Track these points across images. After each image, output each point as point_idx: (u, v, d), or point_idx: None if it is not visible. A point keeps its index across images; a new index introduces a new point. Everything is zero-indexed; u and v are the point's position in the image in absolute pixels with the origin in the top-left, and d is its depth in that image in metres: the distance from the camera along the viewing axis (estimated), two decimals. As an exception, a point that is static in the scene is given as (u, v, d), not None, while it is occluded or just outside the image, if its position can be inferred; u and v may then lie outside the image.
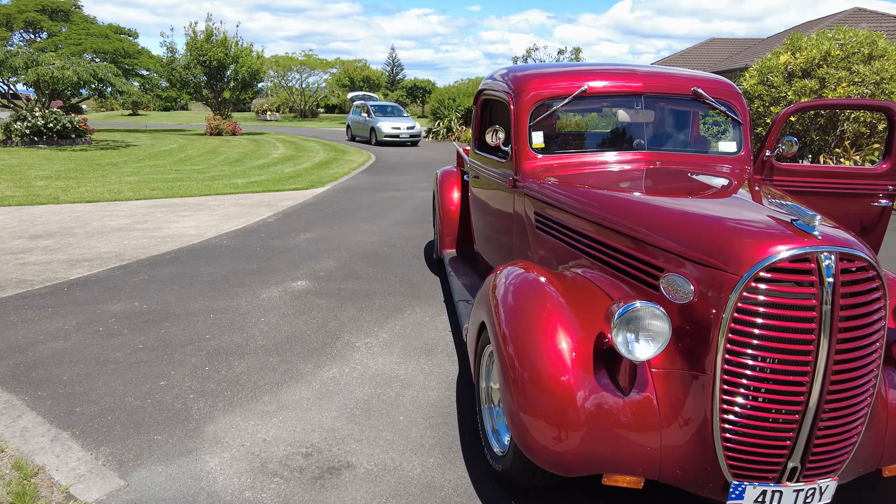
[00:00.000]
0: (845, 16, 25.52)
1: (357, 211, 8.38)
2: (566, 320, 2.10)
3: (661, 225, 2.15)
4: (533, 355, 2.05)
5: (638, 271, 2.22)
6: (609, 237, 2.38)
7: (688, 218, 2.14)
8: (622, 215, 2.32)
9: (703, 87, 3.26)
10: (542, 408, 1.98)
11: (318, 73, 46.41)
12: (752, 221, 1.99)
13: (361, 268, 5.53)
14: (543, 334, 2.08)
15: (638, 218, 2.25)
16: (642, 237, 2.19)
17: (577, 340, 2.03)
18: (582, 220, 2.56)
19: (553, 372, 1.99)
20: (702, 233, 2.01)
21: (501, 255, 3.56)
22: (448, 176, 5.35)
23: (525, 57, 23.20)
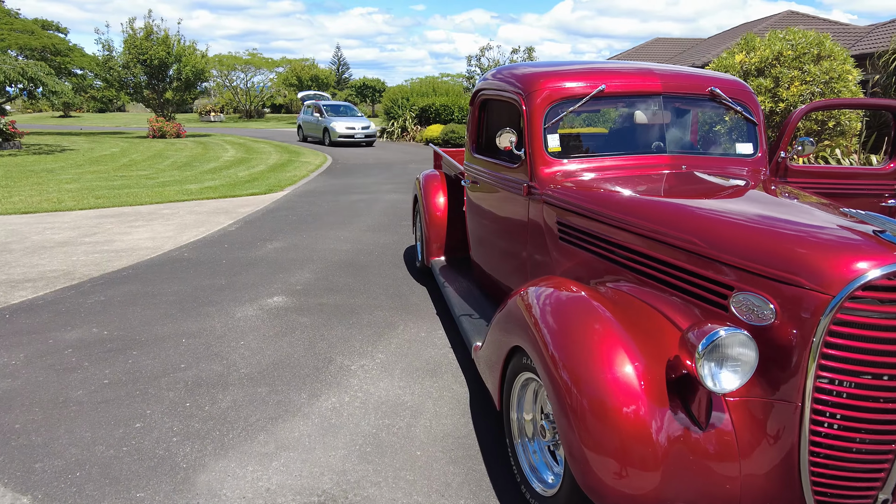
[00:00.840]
0: (779, 18, 26.64)
1: (324, 216, 7.97)
2: (627, 344, 1.88)
3: (729, 238, 1.95)
4: (596, 384, 1.82)
5: (699, 289, 2.01)
6: (661, 251, 2.16)
7: (761, 230, 1.94)
8: (679, 227, 2.11)
9: (719, 86, 3.11)
10: (611, 444, 1.75)
11: (263, 72, 45.13)
12: (835, 233, 1.81)
13: (341, 279, 5.17)
14: (605, 360, 1.85)
15: (699, 230, 2.04)
16: (705, 251, 1.99)
17: (642, 367, 1.82)
18: (624, 231, 2.33)
19: (621, 403, 1.77)
20: (781, 247, 1.81)
21: (509, 266, 3.31)
22: (431, 179, 5.07)
23: (479, 56, 23.14)
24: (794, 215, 2.08)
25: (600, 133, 3.07)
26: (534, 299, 2.31)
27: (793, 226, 1.95)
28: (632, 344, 1.88)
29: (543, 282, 2.50)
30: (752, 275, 1.84)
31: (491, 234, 3.54)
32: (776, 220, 2.03)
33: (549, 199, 2.79)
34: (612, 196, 2.50)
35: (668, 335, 2.00)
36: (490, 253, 3.61)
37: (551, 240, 2.81)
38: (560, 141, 2.96)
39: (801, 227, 1.93)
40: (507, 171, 3.18)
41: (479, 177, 3.61)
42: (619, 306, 2.12)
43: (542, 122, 2.92)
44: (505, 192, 3.22)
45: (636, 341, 1.90)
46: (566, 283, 2.33)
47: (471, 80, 23.91)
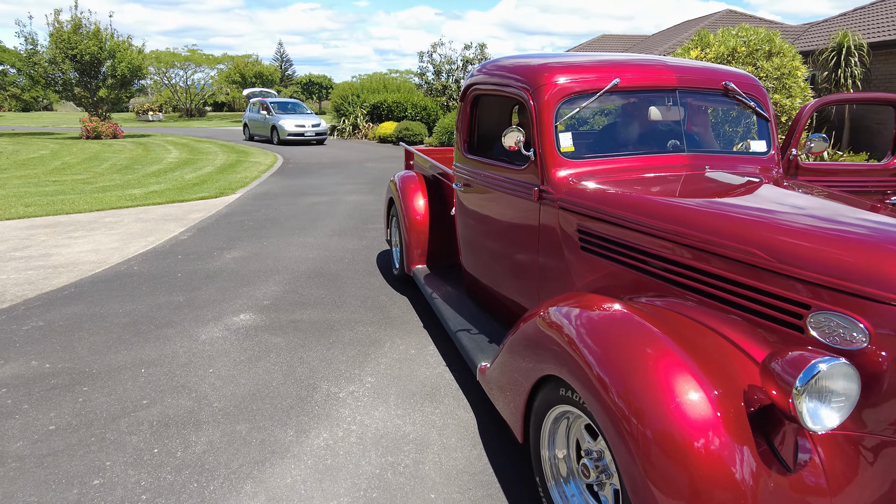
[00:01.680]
0: (719, 17, 27.44)
1: (283, 221, 7.49)
2: (694, 370, 1.64)
3: (801, 249, 1.73)
4: (666, 419, 1.57)
5: (765, 307, 1.78)
6: (714, 264, 1.92)
7: (838, 239, 1.72)
8: (737, 238, 1.87)
9: (732, 80, 2.93)
10: (687, 485, 1.51)
11: (204, 69, 43.26)
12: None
13: (312, 291, 4.77)
14: (674, 389, 1.61)
15: (762, 241, 1.81)
16: (772, 265, 1.76)
17: (715, 396, 1.58)
18: (666, 241, 2.09)
19: (697, 439, 1.53)
20: (867, 258, 1.60)
21: (514, 277, 3.03)
22: (409, 181, 4.73)
23: (430, 52, 22.74)
24: (864, 220, 1.88)
25: (612, 131, 2.83)
26: (568, 321, 2.03)
27: (871, 232, 1.75)
28: (698, 370, 1.64)
29: (571, 299, 2.23)
30: (834, 291, 1.62)
31: (489, 242, 3.25)
32: (847, 227, 1.82)
33: (566, 205, 2.52)
34: (646, 201, 2.24)
35: (732, 359, 1.78)
36: (488, 262, 3.32)
37: (570, 249, 2.54)
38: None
39: (882, 234, 1.72)
40: (511, 172, 2.90)
41: (473, 179, 3.31)
42: (672, 326, 1.88)
43: (553, 119, 2.65)
44: (509, 197, 2.93)
45: (701, 367, 1.66)
46: (601, 301, 2.07)
47: (423, 76, 23.53)
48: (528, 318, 2.40)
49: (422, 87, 23.62)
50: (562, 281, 2.63)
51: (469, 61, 22.37)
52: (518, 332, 2.38)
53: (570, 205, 2.51)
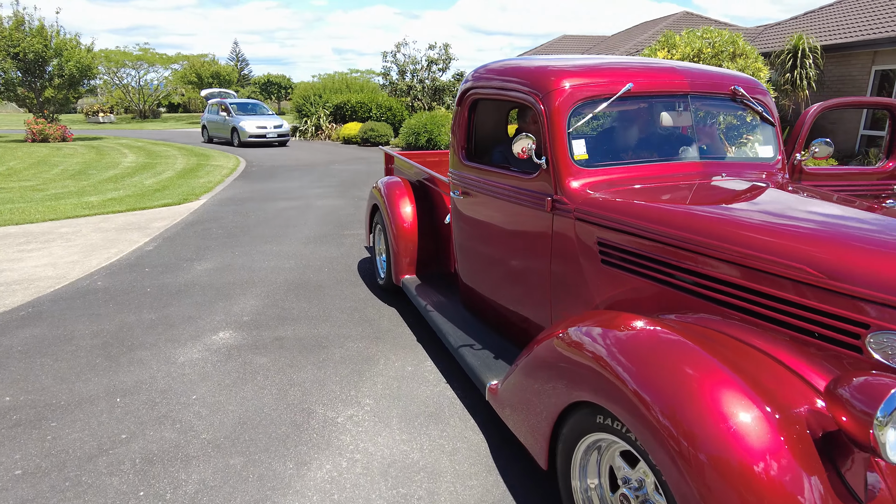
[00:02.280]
0: (676, 19, 28.07)
1: (253, 228, 7.18)
2: (747, 391, 1.55)
3: (857, 265, 1.63)
4: (726, 445, 1.48)
5: (818, 326, 1.69)
6: (758, 280, 1.82)
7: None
8: (784, 254, 1.77)
9: (739, 85, 2.86)
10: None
11: (157, 69, 41.78)
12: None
13: (294, 304, 4.53)
14: (728, 413, 1.51)
15: (814, 257, 1.71)
16: (825, 283, 1.66)
17: (775, 421, 1.49)
18: (702, 256, 1.97)
19: (760, 464, 1.43)
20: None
21: (521, 290, 2.89)
22: (395, 187, 4.54)
23: (394, 52, 22.44)
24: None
25: (624, 138, 2.71)
26: (601, 341, 1.91)
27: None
28: (752, 391, 1.55)
29: (598, 318, 2.11)
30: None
31: (492, 254, 3.10)
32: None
33: (584, 216, 2.39)
34: (677, 213, 2.13)
35: (784, 379, 1.68)
36: (490, 275, 3.17)
37: (589, 262, 2.41)
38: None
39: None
40: (518, 181, 2.75)
41: (473, 187, 3.15)
42: (715, 345, 1.78)
43: (565, 125, 2.51)
44: (516, 206, 2.79)
45: (754, 388, 1.56)
46: (634, 319, 1.95)
47: (387, 76, 23.23)
48: (545, 337, 2.26)
49: (386, 88, 23.33)
50: (578, 296, 2.51)
51: (433, 61, 22.21)
52: (535, 353, 2.24)
53: (588, 216, 2.38)
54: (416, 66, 22.42)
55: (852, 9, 16.30)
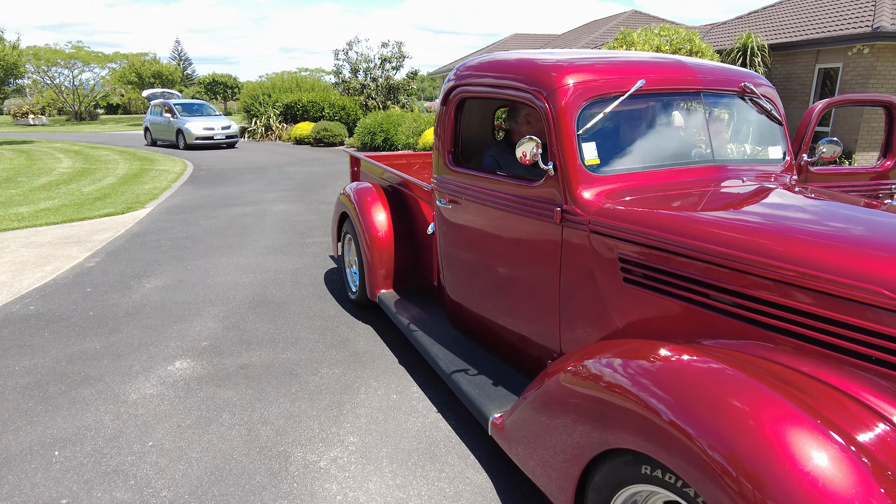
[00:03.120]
0: (626, 17, 28.55)
1: (206, 238, 6.66)
2: (825, 432, 1.34)
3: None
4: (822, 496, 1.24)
5: (881, 351, 1.48)
6: (816, 302, 1.59)
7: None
8: (849, 273, 1.54)
9: (749, 81, 2.66)
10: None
11: (93, 67, 39.61)
12: None
13: (257, 325, 4.12)
14: (813, 460, 1.30)
15: (889, 278, 1.49)
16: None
17: (864, 467, 1.27)
18: (749, 276, 1.73)
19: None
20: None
21: (524, 310, 2.61)
22: (366, 194, 4.19)
23: (346, 50, 21.85)
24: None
25: (635, 140, 2.46)
26: (641, 376, 1.65)
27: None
28: (830, 431, 1.34)
29: (629, 346, 1.85)
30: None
31: (487, 269, 2.80)
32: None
33: (601, 228, 2.13)
34: (718, 226, 1.88)
35: (858, 416, 1.46)
36: (484, 292, 2.88)
37: (608, 280, 2.15)
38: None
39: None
40: (519, 188, 2.47)
41: (462, 195, 2.85)
42: (775, 378, 1.55)
43: (574, 127, 2.24)
44: (515, 217, 2.50)
45: (832, 429, 1.35)
46: (675, 348, 1.71)
47: (339, 74, 22.63)
48: (561, 367, 2.00)
49: (338, 86, 22.74)
50: (594, 318, 2.24)
51: (387, 59, 21.78)
52: (554, 387, 1.97)
53: (607, 228, 2.11)
54: (369, 64, 21.93)
55: (795, 9, 16.83)
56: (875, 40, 12.35)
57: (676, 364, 1.66)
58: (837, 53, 13.45)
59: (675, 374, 1.62)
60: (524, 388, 2.62)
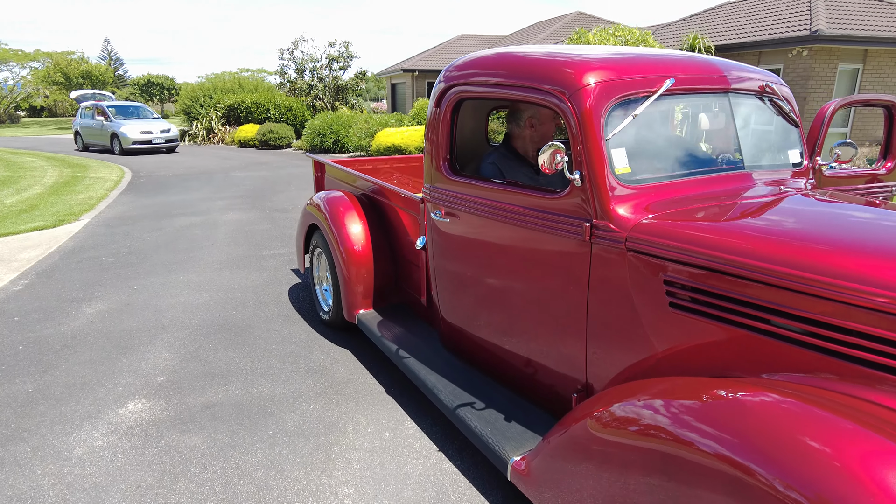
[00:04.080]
0: (571, 18, 28.92)
1: (152, 254, 6.08)
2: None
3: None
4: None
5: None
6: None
7: None
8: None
9: (769, 81, 2.48)
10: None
11: (12, 66, 36.95)
12: None
13: (220, 354, 3.68)
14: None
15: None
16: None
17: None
18: (837, 304, 1.50)
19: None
20: None
21: (542, 337, 2.32)
22: (339, 204, 3.82)
23: (291, 49, 21.11)
24: None
25: (665, 145, 2.22)
26: (724, 426, 1.40)
27: None
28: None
29: (667, 384, 1.63)
30: None
31: (494, 289, 2.50)
32: None
33: (641, 246, 1.87)
34: (789, 246, 1.65)
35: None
36: (490, 313, 2.57)
37: (649, 305, 1.89)
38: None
39: None
40: (537, 201, 2.18)
41: (463, 208, 2.54)
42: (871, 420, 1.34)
43: (601, 130, 1.98)
44: (534, 232, 2.22)
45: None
46: (753, 388, 1.48)
47: (284, 75, 21.87)
48: (597, 411, 1.74)
49: (284, 87, 21.97)
50: (629, 346, 1.98)
51: (334, 59, 21.20)
52: (598, 431, 1.71)
53: (649, 246, 1.85)
54: (315, 64, 21.28)
55: (736, 11, 17.37)
56: (813, 43, 12.82)
57: (743, 403, 1.43)
58: (778, 55, 13.90)
59: (747, 415, 1.38)
60: (542, 422, 2.34)
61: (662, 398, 1.64)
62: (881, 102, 3.14)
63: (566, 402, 2.27)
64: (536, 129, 2.65)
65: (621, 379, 2.05)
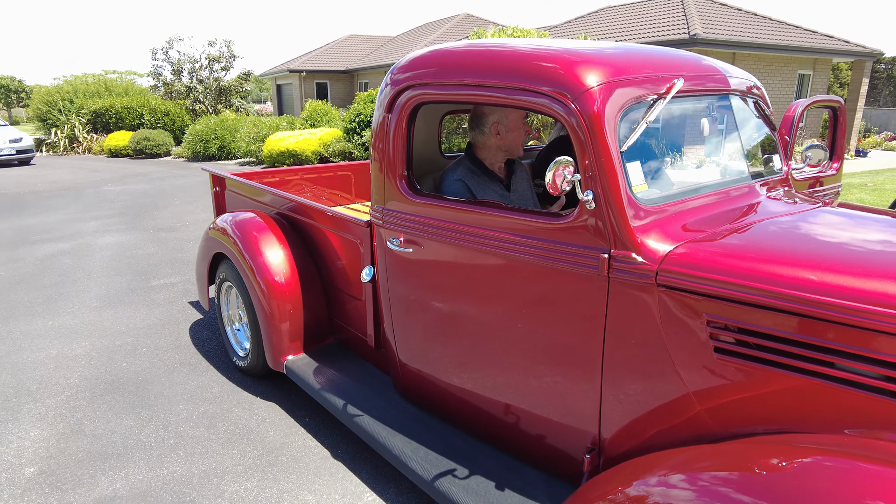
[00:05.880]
0: (459, 20, 29.14)
1: (7, 293, 5.00)
2: None
3: None
4: None
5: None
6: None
7: None
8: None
9: (752, 83, 2.27)
10: None
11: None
12: None
13: (112, 425, 2.94)
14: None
15: None
16: None
17: None
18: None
19: None
20: None
21: (541, 386, 1.93)
22: (251, 227, 3.21)
23: (166, 49, 19.27)
24: None
25: (673, 156, 1.90)
26: None
27: None
28: None
29: (708, 454, 1.33)
30: None
31: (478, 332, 2.07)
32: None
33: (677, 281, 1.53)
34: (859, 278, 1.37)
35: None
36: (472, 360, 2.14)
37: (688, 351, 1.56)
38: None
39: None
40: (537, 227, 1.78)
41: (426, 234, 2.09)
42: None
43: (615, 141, 1.62)
44: (530, 265, 1.82)
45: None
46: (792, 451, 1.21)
47: (159, 77, 19.97)
48: (611, 493, 1.41)
49: (158, 90, 20.06)
50: (660, 397, 1.64)
51: (215, 59, 19.67)
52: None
53: (689, 282, 1.52)
54: (194, 64, 19.62)
55: (618, 15, 18.20)
56: (693, 45, 13.62)
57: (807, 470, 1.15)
58: (660, 56, 14.66)
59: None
60: (545, 486, 1.96)
61: (693, 471, 1.33)
62: (827, 103, 3.10)
63: (576, 463, 1.90)
64: (503, 136, 2.26)
65: (646, 436, 1.71)
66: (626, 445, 1.75)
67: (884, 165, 13.38)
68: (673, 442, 1.63)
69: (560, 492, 1.93)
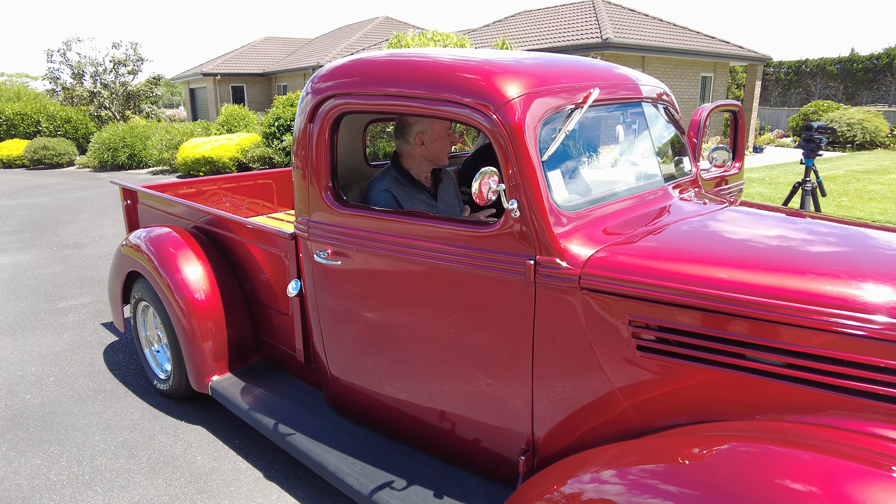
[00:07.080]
0: (378, 23, 29.04)
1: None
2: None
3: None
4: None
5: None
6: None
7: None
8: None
9: (662, 89, 2.40)
10: None
11: None
12: None
13: (16, 465, 2.70)
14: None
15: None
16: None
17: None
18: (834, 335, 1.36)
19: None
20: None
21: (473, 393, 1.95)
22: (167, 243, 3.05)
23: (64, 51, 17.95)
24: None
25: (588, 163, 1.96)
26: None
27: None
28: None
29: (648, 448, 1.41)
30: None
31: (408, 342, 2.06)
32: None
33: (599, 284, 1.60)
34: (779, 274, 1.47)
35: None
36: (404, 370, 2.13)
37: (612, 350, 1.63)
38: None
39: None
40: (462, 236, 1.80)
41: (354, 246, 2.06)
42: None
43: (536, 150, 1.67)
44: (457, 273, 1.83)
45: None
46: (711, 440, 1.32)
47: (57, 80, 18.59)
48: (548, 492, 1.47)
49: (57, 95, 18.69)
50: (589, 395, 1.70)
51: (121, 62, 18.56)
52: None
53: (611, 284, 1.58)
54: (97, 68, 18.41)
55: (534, 19, 18.72)
56: (605, 49, 14.24)
57: (731, 455, 1.25)
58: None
59: (725, 472, 1.21)
60: (483, 491, 1.99)
61: (622, 466, 1.41)
62: (728, 107, 3.32)
63: (512, 465, 1.94)
64: (428, 146, 2.27)
65: (577, 434, 1.77)
66: (559, 445, 1.80)
67: (777, 160, 14.52)
68: (603, 439, 1.69)
69: (498, 495, 1.96)
